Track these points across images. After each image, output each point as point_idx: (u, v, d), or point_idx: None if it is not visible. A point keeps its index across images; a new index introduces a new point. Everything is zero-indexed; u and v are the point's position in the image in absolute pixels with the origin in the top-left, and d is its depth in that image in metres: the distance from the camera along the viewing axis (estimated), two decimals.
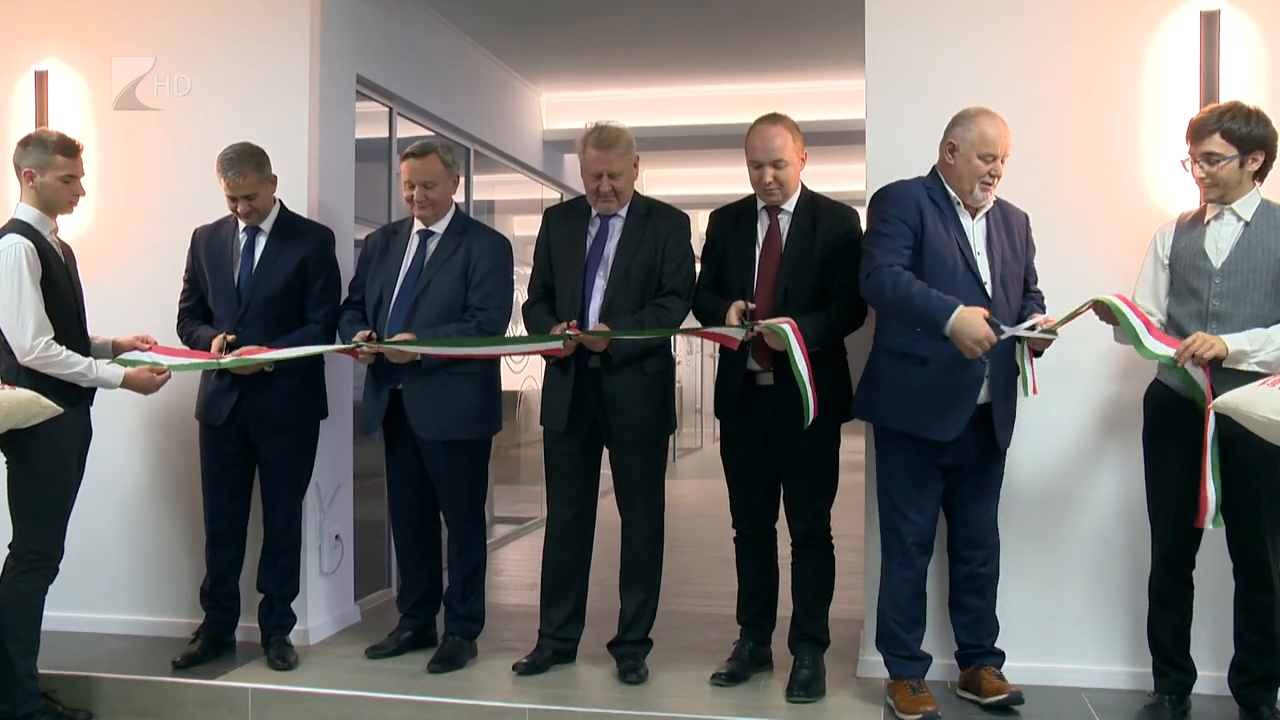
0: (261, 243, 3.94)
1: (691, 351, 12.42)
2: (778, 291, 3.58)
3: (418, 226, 3.97)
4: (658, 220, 3.78)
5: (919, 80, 3.79)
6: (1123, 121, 3.72)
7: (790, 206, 3.66)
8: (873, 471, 3.66)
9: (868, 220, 3.43)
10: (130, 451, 4.34)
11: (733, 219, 3.76)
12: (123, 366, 3.52)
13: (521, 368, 6.80)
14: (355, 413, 4.44)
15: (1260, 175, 3.23)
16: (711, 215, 3.84)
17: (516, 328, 4.22)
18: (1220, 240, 3.23)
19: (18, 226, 3.36)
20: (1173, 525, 3.29)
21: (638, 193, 3.85)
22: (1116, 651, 3.68)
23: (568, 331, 3.59)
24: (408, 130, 5.34)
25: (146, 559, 4.35)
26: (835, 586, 3.74)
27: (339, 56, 4.47)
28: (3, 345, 3.34)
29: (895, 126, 3.80)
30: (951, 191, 3.40)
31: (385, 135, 5.17)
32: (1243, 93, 3.45)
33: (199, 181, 4.13)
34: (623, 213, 3.79)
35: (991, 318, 3.20)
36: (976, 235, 3.41)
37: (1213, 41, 3.61)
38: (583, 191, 3.87)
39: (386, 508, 4.34)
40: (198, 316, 4.00)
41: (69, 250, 3.59)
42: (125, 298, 4.19)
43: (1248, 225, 3.21)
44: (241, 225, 3.95)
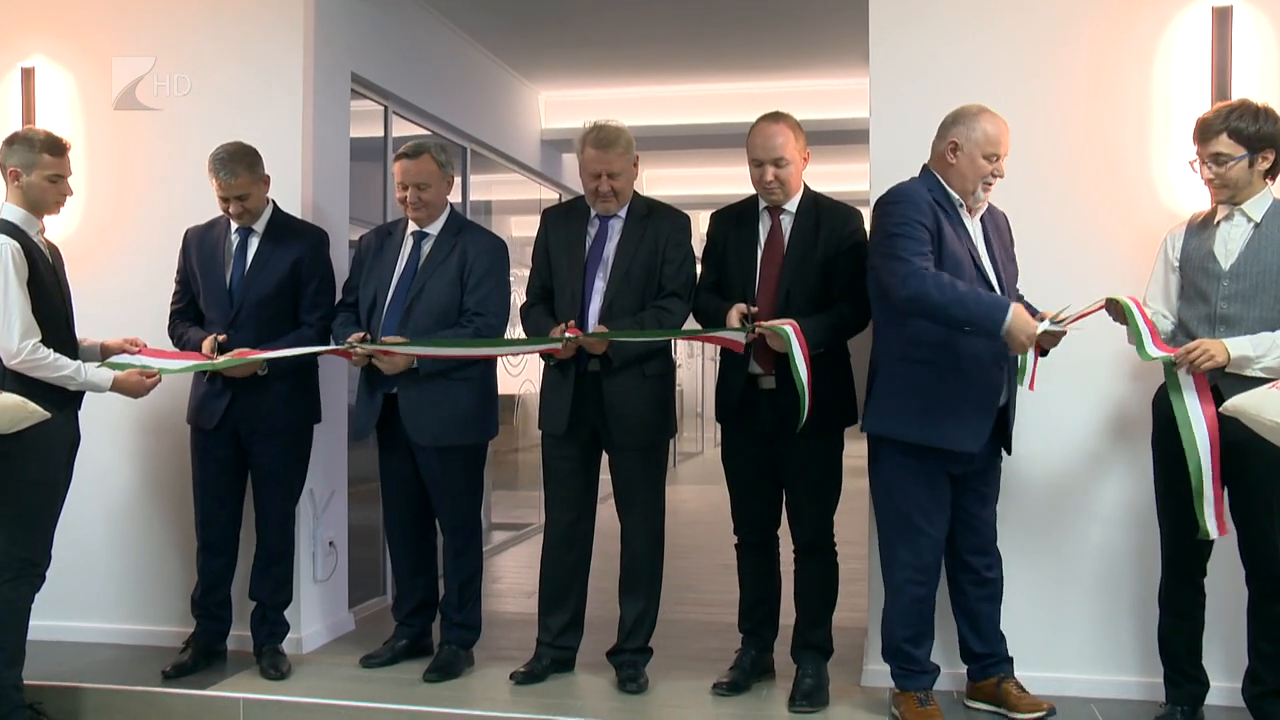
0: (254, 244, 3.89)
1: (692, 354, 12.39)
2: (779, 293, 3.53)
3: (412, 228, 3.92)
4: (658, 221, 3.74)
5: (923, 79, 3.75)
6: (1131, 121, 3.66)
7: (792, 207, 3.61)
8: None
9: (878, 224, 3.32)
10: (119, 456, 4.29)
11: (734, 219, 3.71)
12: (112, 370, 3.47)
13: (519, 371, 6.76)
14: (349, 417, 4.39)
15: (1271, 174, 3.17)
16: (712, 216, 3.80)
17: (514, 330, 4.17)
18: (1230, 242, 3.18)
19: (3, 227, 3.31)
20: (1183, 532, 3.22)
21: (637, 193, 3.81)
22: (1127, 661, 3.63)
23: (567, 334, 3.54)
24: (403, 129, 5.29)
25: (136, 566, 4.30)
26: (839, 594, 3.70)
27: (333, 53, 4.41)
28: None
29: (899, 125, 3.75)
30: (952, 192, 3.33)
31: (381, 134, 5.12)
32: (1256, 91, 3.39)
33: (193, 182, 4.08)
34: (622, 213, 3.75)
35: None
36: (977, 237, 3.36)
37: (1225, 39, 3.56)
38: (581, 192, 3.83)
39: (381, 514, 4.29)
40: (189, 319, 3.95)
41: (56, 251, 3.55)
42: (115, 300, 4.14)
43: (1258, 226, 3.16)
44: (234, 226, 3.90)
